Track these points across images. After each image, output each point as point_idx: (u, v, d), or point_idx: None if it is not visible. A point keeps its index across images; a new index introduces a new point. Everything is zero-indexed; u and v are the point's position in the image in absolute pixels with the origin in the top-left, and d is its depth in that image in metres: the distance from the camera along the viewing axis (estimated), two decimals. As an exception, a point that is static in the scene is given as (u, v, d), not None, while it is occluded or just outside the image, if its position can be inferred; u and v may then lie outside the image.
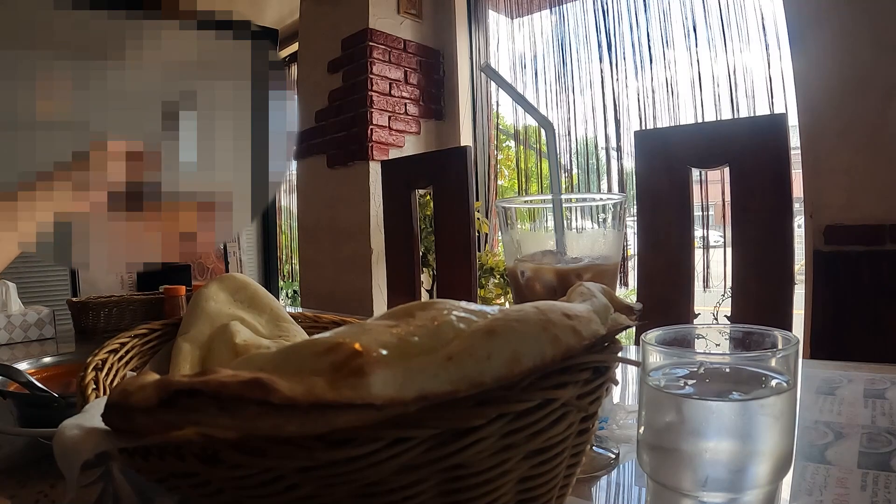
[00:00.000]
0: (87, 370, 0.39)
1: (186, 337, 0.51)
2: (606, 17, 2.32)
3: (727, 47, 2.02)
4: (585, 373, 0.28)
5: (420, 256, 1.57)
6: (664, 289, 1.08)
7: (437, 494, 0.25)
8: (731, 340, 0.40)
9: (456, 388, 0.23)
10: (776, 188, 0.96)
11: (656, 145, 1.12)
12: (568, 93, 2.44)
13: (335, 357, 0.22)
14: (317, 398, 0.20)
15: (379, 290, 2.58)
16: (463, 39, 2.80)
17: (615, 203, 0.53)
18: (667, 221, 1.08)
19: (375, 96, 2.62)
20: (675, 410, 0.35)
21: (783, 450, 0.34)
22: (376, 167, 2.57)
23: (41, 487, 0.46)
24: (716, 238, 2.15)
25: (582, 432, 0.31)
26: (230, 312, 0.54)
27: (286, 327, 0.55)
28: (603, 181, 2.36)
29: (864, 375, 0.66)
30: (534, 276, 0.54)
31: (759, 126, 1.03)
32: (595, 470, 0.47)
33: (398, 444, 0.23)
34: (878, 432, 0.50)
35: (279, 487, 0.23)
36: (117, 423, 0.23)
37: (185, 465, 0.23)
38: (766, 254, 0.97)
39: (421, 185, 1.50)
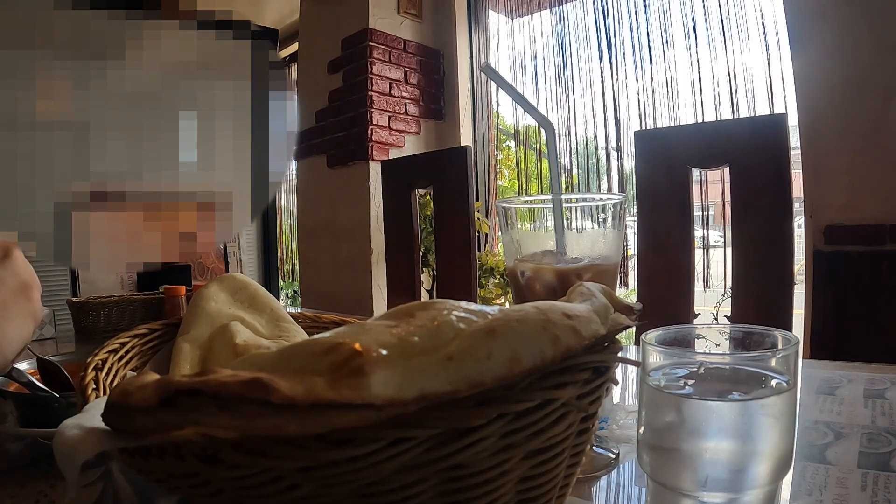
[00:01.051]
0: (87, 370, 0.38)
1: (186, 337, 0.51)
2: (606, 17, 2.32)
3: (727, 47, 2.02)
4: (585, 373, 0.28)
5: (420, 256, 1.57)
6: (664, 289, 1.08)
7: (437, 494, 0.25)
8: (731, 340, 0.40)
9: (456, 388, 0.23)
10: (776, 188, 0.96)
11: (656, 145, 1.12)
12: (568, 93, 2.44)
13: (335, 357, 0.22)
14: (317, 398, 0.20)
15: (379, 290, 2.58)
16: (463, 39, 2.80)
17: (615, 203, 0.53)
18: (667, 221, 1.08)
19: (375, 96, 2.62)
20: (675, 410, 0.35)
21: (783, 450, 0.34)
22: (376, 167, 2.57)
23: (41, 487, 0.46)
24: (716, 238, 2.15)
25: (582, 432, 0.31)
26: (230, 313, 0.54)
27: (286, 327, 0.55)
28: (603, 181, 2.36)
29: (864, 375, 0.66)
30: (534, 276, 0.54)
31: (759, 126, 1.03)
32: (595, 470, 0.47)
33: (398, 444, 0.23)
34: (878, 432, 0.49)
35: (279, 487, 0.23)
36: (117, 423, 0.23)
37: (185, 465, 0.23)
38: (766, 254, 0.97)
39: (421, 185, 1.50)
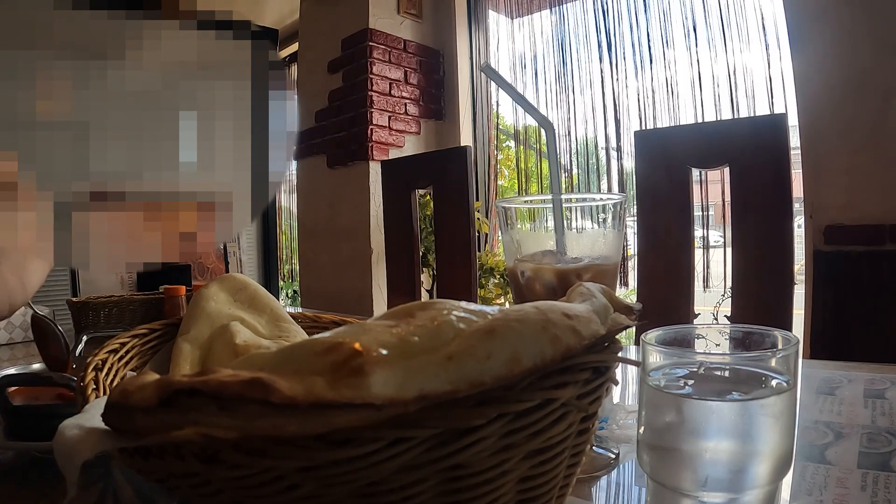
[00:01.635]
0: (86, 370, 0.38)
1: (186, 337, 0.51)
2: (606, 17, 2.32)
3: (727, 47, 2.02)
4: (585, 373, 0.28)
5: (420, 256, 1.57)
6: (664, 289, 1.08)
7: (437, 494, 0.25)
8: (731, 340, 0.40)
9: (456, 388, 0.23)
10: (776, 188, 0.96)
11: (656, 145, 1.12)
12: (568, 93, 2.44)
13: (335, 357, 0.22)
14: (317, 398, 0.20)
15: (379, 290, 2.58)
16: (463, 39, 2.80)
17: (615, 203, 0.53)
18: (667, 221, 1.08)
19: (375, 96, 2.62)
20: (675, 410, 0.35)
21: (783, 450, 0.34)
22: (376, 167, 2.57)
23: (41, 487, 0.46)
24: (716, 238, 2.15)
25: (582, 432, 0.31)
26: (230, 313, 0.54)
27: (286, 327, 0.55)
28: (603, 181, 2.36)
29: (864, 375, 0.66)
30: (534, 276, 0.54)
31: (759, 126, 1.03)
32: (595, 470, 0.47)
33: (398, 444, 0.23)
34: (878, 432, 0.49)
35: (279, 487, 0.23)
36: (117, 423, 0.23)
37: (185, 465, 0.23)
38: (766, 254, 0.97)
39: (421, 185, 1.50)
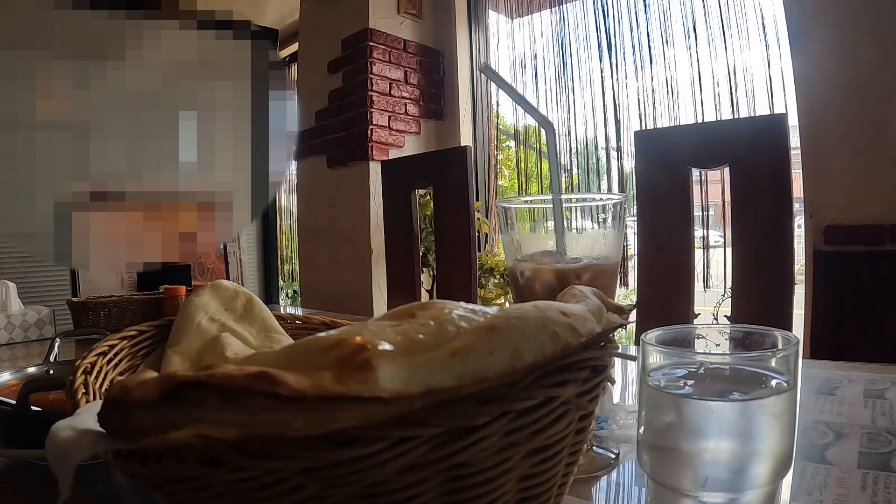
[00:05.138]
0: (76, 374, 0.37)
1: (176, 349, 0.50)
2: (606, 17, 2.32)
3: (727, 47, 2.02)
4: (584, 371, 0.29)
5: (420, 256, 1.57)
6: (664, 289, 1.08)
7: (441, 494, 0.25)
8: (731, 340, 0.40)
9: (461, 384, 0.23)
10: (776, 188, 0.96)
11: (656, 145, 1.12)
12: (568, 93, 2.44)
13: (341, 352, 0.22)
14: (325, 391, 0.20)
15: (379, 290, 2.58)
16: (463, 39, 2.80)
17: (615, 203, 0.53)
18: (667, 222, 1.08)
19: (375, 96, 2.62)
20: (675, 410, 0.35)
21: (783, 450, 0.34)
22: (376, 167, 2.57)
23: (41, 487, 0.46)
24: (716, 238, 2.15)
25: (580, 431, 0.31)
26: (220, 323, 0.53)
27: (277, 338, 0.54)
28: (603, 181, 2.36)
29: (864, 375, 0.66)
30: (534, 276, 0.54)
31: (759, 126, 1.03)
32: (595, 470, 0.47)
33: (402, 444, 0.23)
34: (878, 432, 0.49)
35: (282, 490, 0.23)
36: (114, 422, 0.22)
37: (185, 468, 0.22)
38: (766, 254, 0.97)
39: (421, 185, 1.50)
